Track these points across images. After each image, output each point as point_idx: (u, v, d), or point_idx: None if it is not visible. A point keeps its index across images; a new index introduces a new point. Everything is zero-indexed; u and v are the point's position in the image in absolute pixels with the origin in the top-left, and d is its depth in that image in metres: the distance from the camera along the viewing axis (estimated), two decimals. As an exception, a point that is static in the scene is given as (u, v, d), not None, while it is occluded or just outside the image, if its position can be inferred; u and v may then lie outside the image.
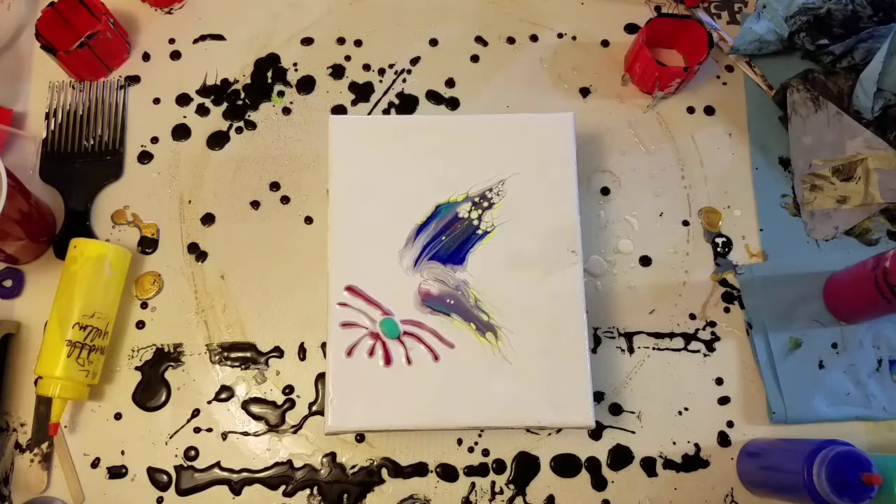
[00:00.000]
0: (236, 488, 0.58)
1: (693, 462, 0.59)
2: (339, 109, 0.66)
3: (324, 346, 0.60)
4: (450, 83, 0.67)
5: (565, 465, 0.59)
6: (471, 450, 0.59)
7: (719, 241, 0.64)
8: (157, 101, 0.66)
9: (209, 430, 0.59)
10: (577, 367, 0.55)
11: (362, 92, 0.67)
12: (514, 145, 0.59)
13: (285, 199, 0.64)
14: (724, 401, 0.60)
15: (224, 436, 0.59)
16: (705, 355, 0.61)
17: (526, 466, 0.58)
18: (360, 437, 0.59)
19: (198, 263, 0.62)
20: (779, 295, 0.61)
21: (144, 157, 0.65)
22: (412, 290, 0.56)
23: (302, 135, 0.66)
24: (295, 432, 0.59)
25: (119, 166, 0.64)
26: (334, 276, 0.56)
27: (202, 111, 0.66)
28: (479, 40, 0.69)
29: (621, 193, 0.65)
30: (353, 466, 0.58)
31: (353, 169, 0.58)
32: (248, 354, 0.60)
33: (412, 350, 0.55)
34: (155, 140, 0.65)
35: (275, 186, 0.64)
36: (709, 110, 0.67)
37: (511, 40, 0.69)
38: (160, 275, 0.62)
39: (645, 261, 0.63)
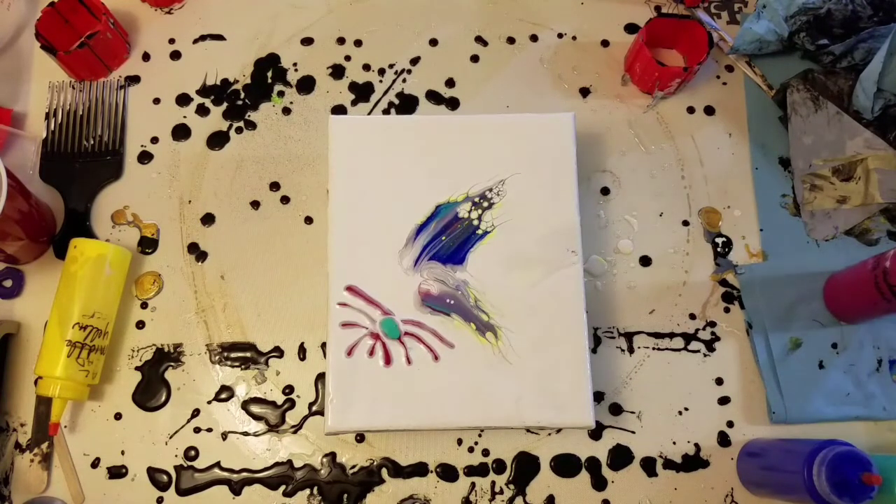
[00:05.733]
0: (236, 488, 0.58)
1: (693, 462, 0.59)
2: (339, 109, 0.66)
3: (324, 346, 0.60)
4: (450, 83, 0.67)
5: (565, 465, 0.59)
6: (471, 450, 0.59)
7: (719, 241, 0.64)
8: (157, 101, 0.66)
9: (209, 430, 0.59)
10: (577, 367, 0.55)
11: (362, 92, 0.67)
12: (514, 145, 0.59)
13: (285, 199, 0.64)
14: (724, 401, 0.60)
15: (224, 436, 0.59)
16: (705, 355, 0.61)
17: (526, 466, 0.58)
18: (360, 437, 0.59)
19: (198, 263, 0.62)
20: (779, 295, 0.61)
21: (144, 157, 0.65)
22: (412, 290, 0.56)
23: (302, 135, 0.66)
24: (295, 432, 0.59)
25: (119, 166, 0.64)
26: (334, 276, 0.56)
27: (202, 111, 0.66)
28: (479, 40, 0.69)
29: (621, 193, 0.65)
30: (353, 466, 0.58)
31: (353, 169, 0.58)
32: (248, 354, 0.60)
33: (412, 350, 0.55)
34: (155, 140, 0.65)
35: (275, 186, 0.64)
36: (709, 110, 0.67)
37: (511, 40, 0.69)
38: (160, 275, 0.62)
39: (645, 261, 0.63)
